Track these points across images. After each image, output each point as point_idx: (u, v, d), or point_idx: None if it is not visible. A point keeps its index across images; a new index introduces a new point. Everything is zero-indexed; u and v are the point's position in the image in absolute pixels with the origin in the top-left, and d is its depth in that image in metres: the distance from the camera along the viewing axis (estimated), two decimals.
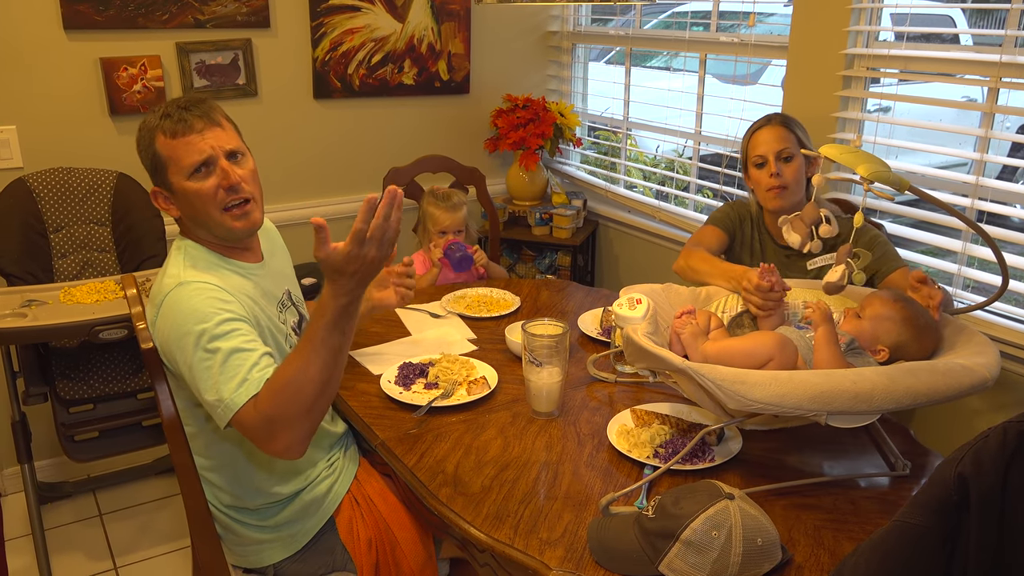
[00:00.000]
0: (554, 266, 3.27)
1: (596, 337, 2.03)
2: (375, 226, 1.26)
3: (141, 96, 2.62)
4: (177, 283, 1.44)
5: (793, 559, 1.24)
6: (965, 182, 2.07)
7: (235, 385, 1.33)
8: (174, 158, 1.46)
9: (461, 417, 1.68)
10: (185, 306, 1.41)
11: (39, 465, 2.65)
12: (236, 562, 1.66)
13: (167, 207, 1.52)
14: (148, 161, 1.50)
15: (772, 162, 1.95)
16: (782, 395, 1.27)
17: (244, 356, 1.36)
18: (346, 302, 1.30)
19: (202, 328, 1.38)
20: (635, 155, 3.56)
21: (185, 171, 1.46)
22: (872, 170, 1.48)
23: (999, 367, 1.43)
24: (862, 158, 1.51)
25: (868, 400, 1.29)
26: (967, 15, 4.91)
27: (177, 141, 1.45)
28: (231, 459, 1.58)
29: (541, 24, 3.40)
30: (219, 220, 1.49)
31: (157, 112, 1.49)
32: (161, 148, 1.47)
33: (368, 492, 1.66)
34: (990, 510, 0.87)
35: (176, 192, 1.49)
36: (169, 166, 1.47)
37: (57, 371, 2.36)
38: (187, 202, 1.49)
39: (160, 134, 1.47)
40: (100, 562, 2.45)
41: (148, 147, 1.49)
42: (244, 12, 2.74)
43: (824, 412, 1.30)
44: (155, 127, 1.47)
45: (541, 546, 1.27)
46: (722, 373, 1.31)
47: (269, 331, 1.55)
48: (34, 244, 2.41)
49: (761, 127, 2.00)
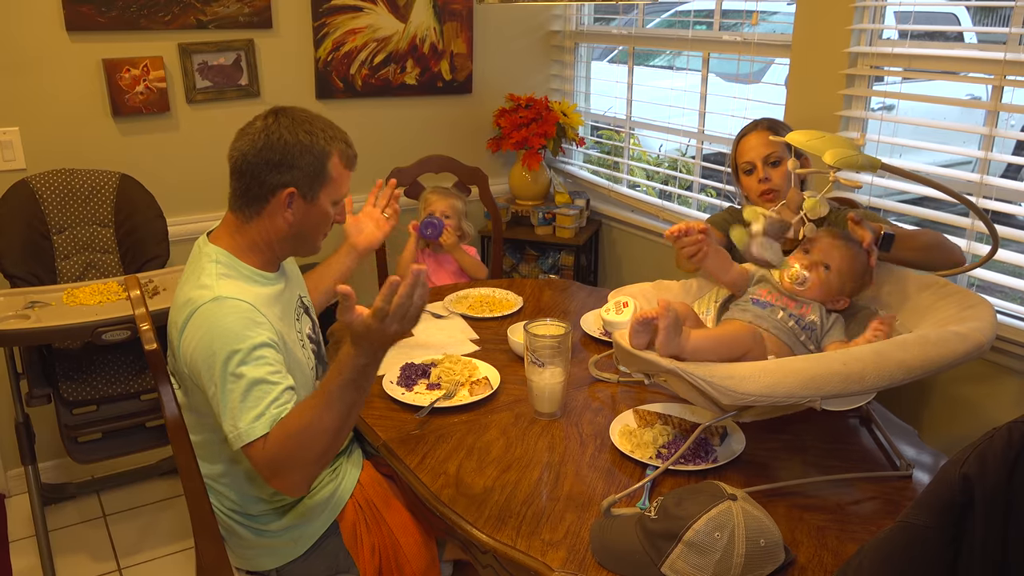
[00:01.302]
0: (557, 266, 3.26)
1: (599, 337, 2.03)
2: (397, 304, 1.27)
3: (144, 97, 2.63)
4: (213, 297, 1.43)
5: (796, 560, 1.23)
6: (970, 180, 2.06)
7: (252, 418, 1.35)
8: (337, 183, 1.55)
9: (463, 418, 1.68)
10: (220, 324, 1.40)
11: (43, 466, 2.65)
12: (240, 564, 1.65)
13: (288, 209, 1.50)
14: (311, 165, 1.49)
15: (760, 167, 1.96)
16: (773, 385, 1.27)
17: (267, 389, 1.38)
18: (364, 363, 1.33)
19: (233, 350, 1.38)
20: (638, 154, 3.55)
21: (335, 197, 1.56)
22: (838, 156, 1.45)
23: (995, 329, 1.41)
24: (829, 143, 1.49)
25: (860, 380, 1.28)
26: (971, 13, 4.89)
27: (346, 172, 1.57)
28: (235, 467, 1.58)
29: (544, 23, 3.39)
30: (317, 241, 1.61)
31: (327, 127, 1.53)
32: (333, 169, 1.53)
33: (371, 496, 1.66)
34: (995, 511, 0.87)
35: (314, 206, 1.53)
36: (328, 185, 1.53)
37: (60, 372, 2.36)
38: (312, 219, 1.55)
39: (338, 157, 1.54)
40: (104, 563, 2.46)
41: (319, 158, 1.50)
42: (246, 13, 2.74)
43: (817, 397, 1.28)
44: (335, 149, 1.53)
45: (543, 547, 1.27)
46: (711, 370, 1.30)
47: (291, 345, 1.56)
48: (37, 246, 2.42)
49: (747, 133, 2.01)
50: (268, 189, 1.48)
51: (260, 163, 1.47)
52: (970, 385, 2.10)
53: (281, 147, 1.46)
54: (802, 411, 1.69)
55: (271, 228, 1.52)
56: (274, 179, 1.47)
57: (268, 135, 1.47)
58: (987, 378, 2.06)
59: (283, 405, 1.38)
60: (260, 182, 1.48)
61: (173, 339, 1.50)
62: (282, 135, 1.47)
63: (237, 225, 1.53)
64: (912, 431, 1.63)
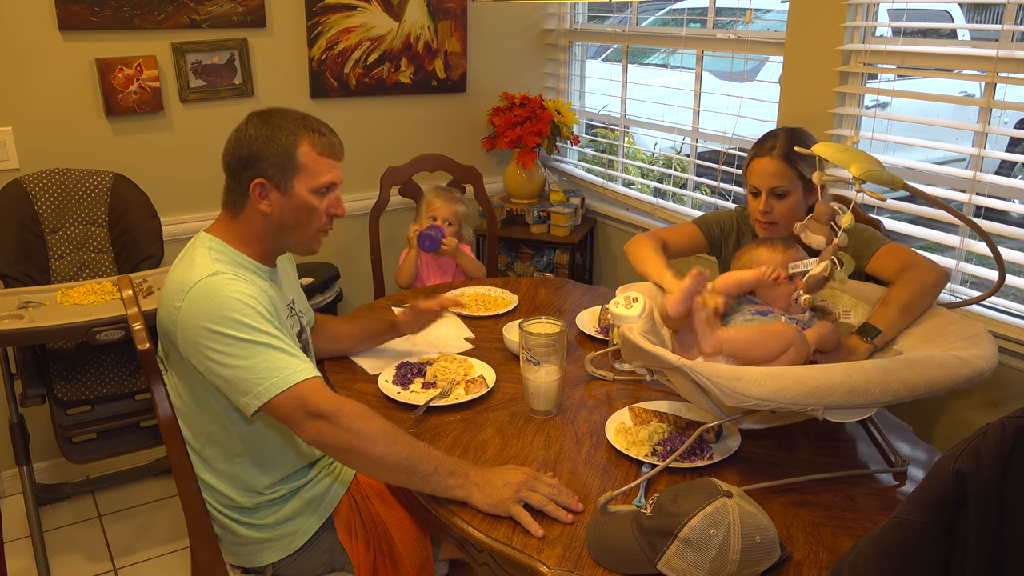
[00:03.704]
0: (552, 264, 3.26)
1: (594, 335, 2.03)
2: (546, 493, 1.36)
3: (137, 97, 2.62)
4: (209, 273, 1.46)
5: (792, 556, 1.24)
6: (963, 178, 2.07)
7: (298, 361, 1.43)
8: (313, 171, 1.53)
9: (459, 416, 1.68)
10: (222, 293, 1.43)
11: (37, 467, 2.64)
12: (235, 562, 1.66)
13: (262, 200, 1.53)
14: (276, 155, 1.51)
15: (764, 198, 1.83)
16: (778, 390, 1.27)
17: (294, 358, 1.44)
18: (454, 484, 1.39)
19: (240, 317, 1.41)
20: (633, 152, 3.55)
21: (315, 186, 1.54)
22: (865, 169, 1.46)
23: (996, 358, 1.42)
24: (855, 157, 1.50)
25: (864, 393, 1.29)
26: (964, 10, 4.90)
27: (323, 159, 1.54)
28: (230, 458, 1.58)
29: (538, 22, 3.39)
30: (310, 235, 1.59)
31: (304, 124, 1.53)
32: (303, 155, 1.52)
33: (367, 492, 1.66)
34: (988, 506, 0.87)
35: (291, 196, 1.53)
36: (301, 173, 1.52)
37: (54, 372, 2.36)
38: (293, 210, 1.54)
39: (308, 144, 1.52)
40: (99, 563, 2.45)
41: (285, 147, 1.51)
42: (240, 12, 2.73)
43: (820, 406, 1.29)
44: (302, 136, 1.52)
45: (539, 545, 1.27)
46: (718, 370, 1.30)
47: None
48: (30, 245, 2.41)
49: (761, 156, 1.85)
50: (244, 185, 1.53)
51: (234, 162, 1.53)
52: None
53: (247, 143, 1.52)
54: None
55: (255, 222, 1.56)
56: (246, 175, 1.52)
57: (239, 135, 1.54)
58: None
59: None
60: (237, 180, 1.54)
61: (169, 321, 1.47)
62: (249, 132, 1.52)
63: (228, 220, 1.58)
64: (907, 427, 1.63)
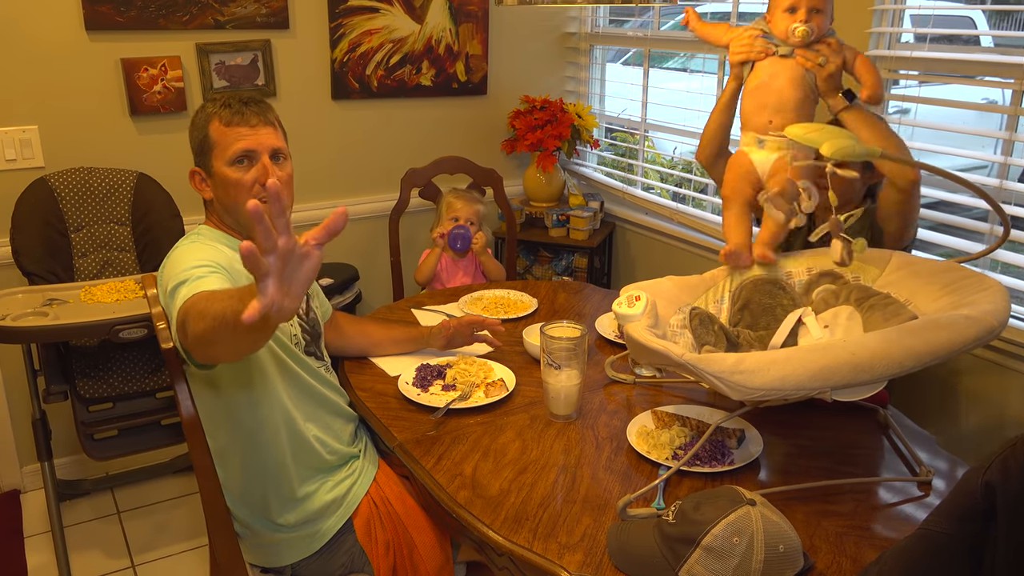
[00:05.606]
0: (571, 268, 3.26)
1: (613, 340, 2.02)
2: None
3: (161, 96, 2.64)
4: (176, 247, 1.54)
5: (815, 566, 1.23)
6: (988, 185, 2.05)
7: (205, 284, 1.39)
8: (222, 144, 1.55)
9: (479, 419, 1.68)
10: (176, 255, 1.50)
11: (58, 463, 2.67)
12: (254, 561, 1.66)
13: (201, 187, 1.61)
14: (196, 142, 1.59)
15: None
16: (782, 378, 1.25)
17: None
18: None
19: (184, 269, 1.43)
20: (652, 157, 3.54)
21: (228, 158, 1.55)
22: (836, 147, 1.39)
23: (1008, 313, 1.37)
24: (826, 135, 1.44)
25: (869, 369, 1.26)
26: (988, 17, 4.86)
27: (230, 129, 1.55)
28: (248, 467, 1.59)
29: (559, 25, 3.39)
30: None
31: (218, 101, 1.57)
32: (213, 132, 1.56)
33: (387, 494, 1.66)
34: (1017, 519, 0.86)
35: (214, 176, 1.58)
36: (214, 150, 1.56)
37: (77, 370, 2.38)
38: (223, 188, 1.58)
39: (216, 120, 1.56)
40: (118, 559, 2.47)
41: (201, 129, 1.57)
42: (263, 13, 2.75)
43: (827, 388, 1.27)
44: (213, 113, 1.57)
45: (560, 550, 1.27)
46: (720, 365, 1.28)
47: None
48: (55, 243, 2.43)
49: None
50: (189, 177, 1.63)
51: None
52: (989, 390, 2.09)
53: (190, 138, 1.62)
54: (818, 413, 1.69)
55: (212, 207, 1.64)
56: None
57: None
58: (1006, 384, 2.04)
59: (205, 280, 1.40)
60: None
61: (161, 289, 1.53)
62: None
63: (207, 210, 1.68)
64: (930, 437, 1.62)
